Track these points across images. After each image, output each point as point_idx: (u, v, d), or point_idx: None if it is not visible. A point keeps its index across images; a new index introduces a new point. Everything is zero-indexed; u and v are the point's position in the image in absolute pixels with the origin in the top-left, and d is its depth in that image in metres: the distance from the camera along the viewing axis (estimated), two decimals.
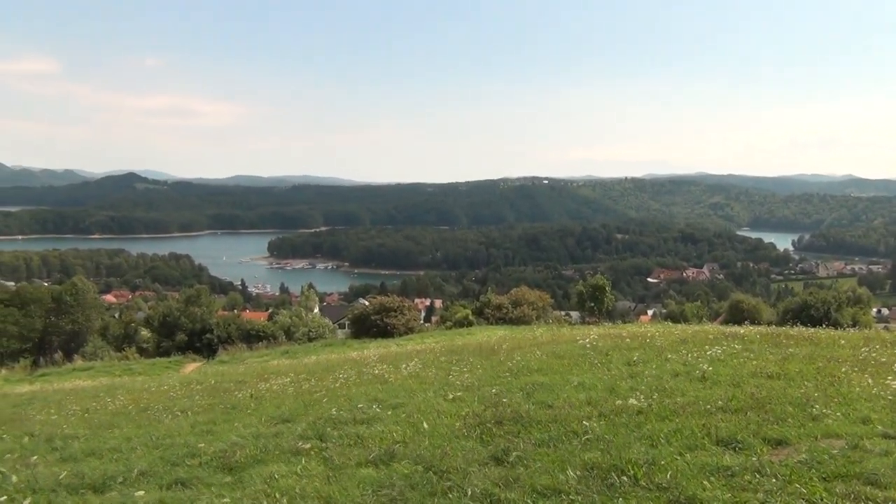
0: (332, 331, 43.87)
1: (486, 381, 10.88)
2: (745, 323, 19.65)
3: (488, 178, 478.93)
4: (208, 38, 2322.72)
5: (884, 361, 9.82)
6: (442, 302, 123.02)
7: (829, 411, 7.20)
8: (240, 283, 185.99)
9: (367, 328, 36.02)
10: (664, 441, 6.60)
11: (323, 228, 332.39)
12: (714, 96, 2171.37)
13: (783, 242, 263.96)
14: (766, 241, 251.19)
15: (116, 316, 65.87)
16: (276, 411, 10.24)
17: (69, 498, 6.77)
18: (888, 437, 6.36)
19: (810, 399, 7.68)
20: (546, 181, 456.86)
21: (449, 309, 57.14)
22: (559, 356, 12.71)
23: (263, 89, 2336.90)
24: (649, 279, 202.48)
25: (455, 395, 9.76)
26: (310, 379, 14.15)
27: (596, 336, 15.39)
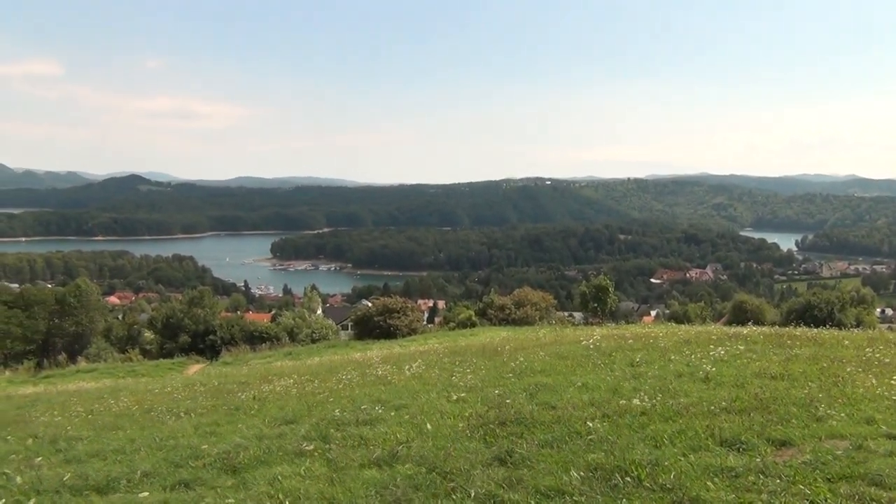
0: (336, 332, 43.97)
1: (489, 382, 10.87)
2: (749, 323, 19.57)
3: (491, 178, 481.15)
4: (210, 39, 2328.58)
5: (888, 362, 9.78)
6: (445, 303, 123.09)
7: (833, 412, 7.17)
8: (243, 284, 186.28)
9: (370, 329, 36.07)
10: (668, 442, 6.60)
11: (326, 230, 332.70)
12: (717, 96, 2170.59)
13: (786, 243, 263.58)
14: (770, 241, 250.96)
15: (120, 317, 66.08)
16: (280, 413, 10.24)
17: (73, 499, 6.80)
18: (892, 437, 6.34)
19: (814, 400, 7.65)
20: (549, 182, 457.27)
21: (452, 310, 57.23)
22: (562, 357, 12.69)
23: (266, 90, 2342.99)
24: (652, 280, 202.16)
25: (458, 396, 9.75)
26: (313, 380, 14.15)
27: (599, 337, 15.37)
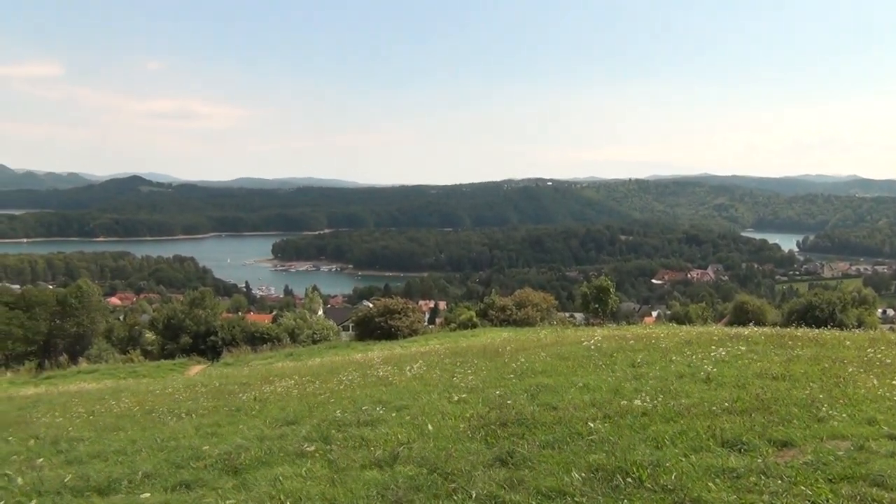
0: (337, 333, 44.01)
1: (490, 382, 10.87)
2: (750, 324, 19.60)
3: (491, 179, 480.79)
4: (211, 40, 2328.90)
5: (889, 362, 9.77)
6: (446, 304, 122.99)
7: (834, 412, 7.16)
8: (244, 285, 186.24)
9: (371, 330, 36.06)
10: (669, 443, 6.59)
11: (327, 231, 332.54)
12: (717, 97, 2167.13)
13: (788, 243, 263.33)
14: (771, 241, 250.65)
15: (121, 318, 66.03)
16: (281, 413, 10.24)
17: (74, 500, 6.81)
18: (894, 438, 6.33)
19: (815, 400, 7.65)
20: (549, 182, 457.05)
21: (453, 311, 57.17)
22: (563, 358, 12.69)
23: (267, 92, 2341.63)
24: (653, 280, 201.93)
25: (459, 396, 9.74)
26: (314, 381, 14.16)
27: (600, 338, 15.37)
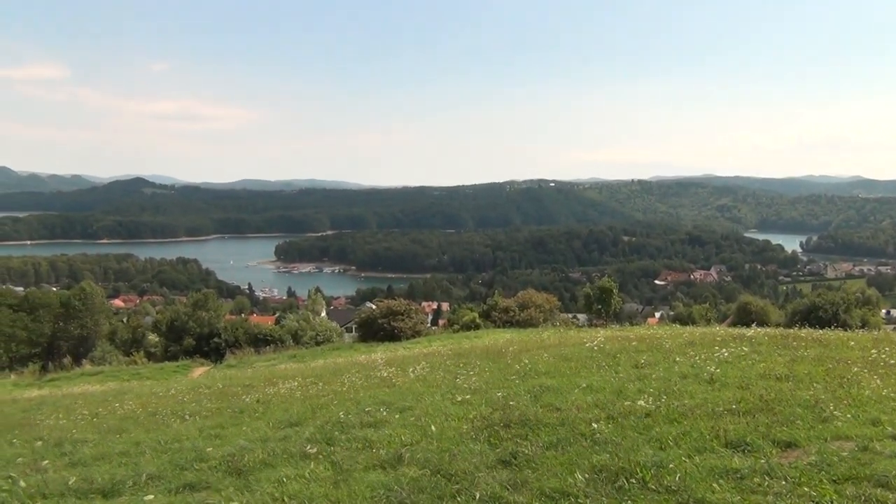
0: (340, 334, 44.00)
1: (493, 384, 10.87)
2: (753, 325, 19.53)
3: (494, 180, 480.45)
4: (215, 42, 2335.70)
5: (893, 363, 9.73)
6: (449, 305, 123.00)
7: (838, 413, 7.14)
8: (247, 287, 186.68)
9: (374, 332, 36.07)
10: (673, 443, 6.58)
11: (330, 232, 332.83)
12: (721, 97, 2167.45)
13: (791, 244, 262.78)
14: (774, 242, 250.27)
15: (124, 320, 66.10)
16: (284, 415, 10.25)
17: (78, 502, 6.81)
18: None
19: (819, 401, 7.62)
20: (552, 184, 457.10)
21: (456, 312, 57.06)
22: (566, 359, 12.68)
23: (270, 93, 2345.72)
24: (657, 281, 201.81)
25: (463, 398, 9.74)
26: (317, 383, 14.17)
27: (603, 338, 15.35)
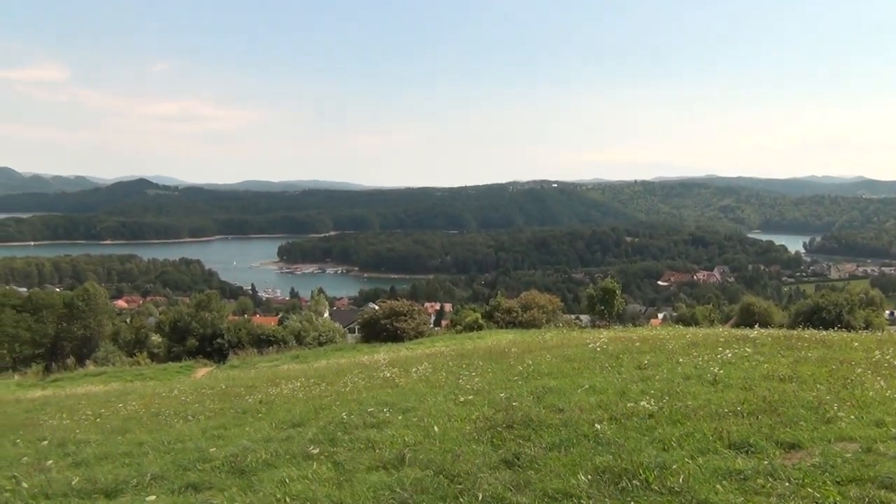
0: (343, 335, 43.95)
1: (496, 384, 10.86)
2: (757, 326, 19.50)
3: (497, 181, 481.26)
4: (217, 42, 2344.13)
5: None
6: (452, 306, 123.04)
7: (842, 414, 7.12)
8: (250, 287, 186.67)
9: (377, 332, 36.07)
10: (676, 445, 6.57)
11: (332, 233, 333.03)
12: (724, 98, 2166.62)
13: (794, 245, 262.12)
14: (777, 243, 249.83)
15: (128, 321, 66.39)
16: (287, 416, 10.26)
17: (82, 503, 6.83)
18: None
19: (823, 402, 7.60)
20: (555, 184, 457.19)
21: (459, 313, 57.05)
22: (569, 360, 12.68)
23: (272, 94, 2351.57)
24: (660, 282, 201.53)
25: (465, 398, 9.75)
26: (320, 383, 14.17)
27: (606, 339, 15.35)
